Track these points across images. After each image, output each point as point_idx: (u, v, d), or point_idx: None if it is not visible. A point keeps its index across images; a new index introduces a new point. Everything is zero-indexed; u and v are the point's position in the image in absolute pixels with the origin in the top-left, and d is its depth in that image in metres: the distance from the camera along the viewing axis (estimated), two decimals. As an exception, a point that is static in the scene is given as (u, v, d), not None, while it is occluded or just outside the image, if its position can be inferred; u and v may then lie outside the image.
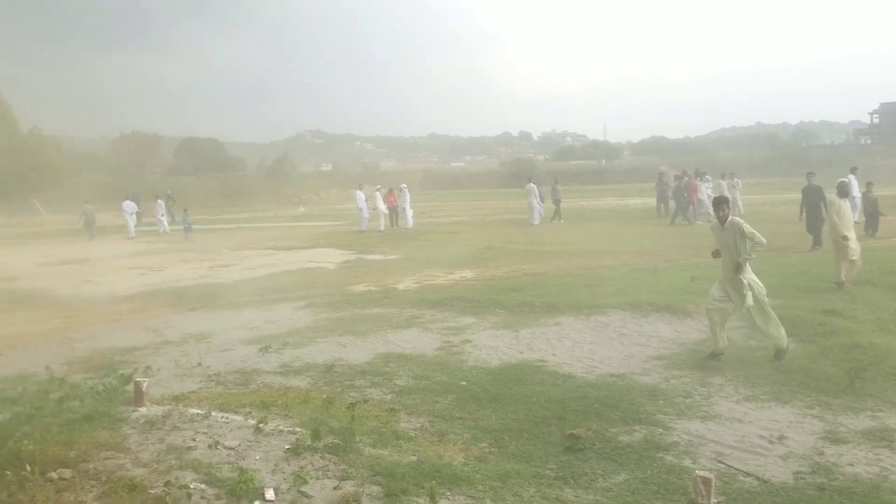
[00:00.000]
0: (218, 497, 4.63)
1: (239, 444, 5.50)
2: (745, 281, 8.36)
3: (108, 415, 6.04)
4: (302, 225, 34.55)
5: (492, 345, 9.68)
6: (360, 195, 28.40)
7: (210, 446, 5.40)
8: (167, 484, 4.67)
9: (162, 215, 33.57)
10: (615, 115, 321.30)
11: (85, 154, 70.42)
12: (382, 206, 28.20)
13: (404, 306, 12.37)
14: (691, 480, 5.01)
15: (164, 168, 76.81)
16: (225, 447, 5.42)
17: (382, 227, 27.70)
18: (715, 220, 8.75)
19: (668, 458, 5.85)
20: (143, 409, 6.23)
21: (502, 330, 10.43)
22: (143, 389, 6.38)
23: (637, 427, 6.54)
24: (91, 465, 4.97)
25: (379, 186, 29.98)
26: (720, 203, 8.72)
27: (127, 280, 17.71)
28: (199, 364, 9.11)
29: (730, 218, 8.51)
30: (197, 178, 66.84)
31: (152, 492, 4.62)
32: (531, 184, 28.91)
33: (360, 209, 28.22)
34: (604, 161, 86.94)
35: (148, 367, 8.93)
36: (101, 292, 15.83)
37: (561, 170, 62.43)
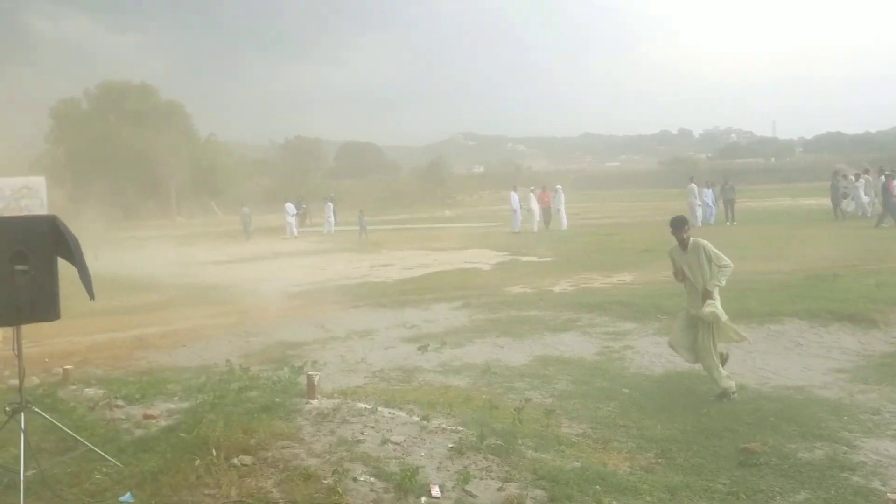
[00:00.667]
0: (386, 490, 4.75)
1: (405, 440, 5.62)
2: (713, 310, 7.40)
3: (283, 406, 6.37)
4: (456, 226, 35.12)
5: (655, 351, 9.35)
6: (514, 196, 28.40)
7: (378, 441, 5.56)
8: (339, 475, 4.84)
9: (329, 216, 35.40)
10: (785, 109, 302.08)
11: (254, 159, 75.51)
12: (536, 208, 28.05)
13: (561, 309, 12.21)
14: (882, 504, 4.59)
15: (326, 171, 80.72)
16: (392, 442, 5.55)
17: (536, 229, 27.57)
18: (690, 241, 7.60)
19: (854, 478, 5.41)
20: (314, 402, 6.52)
21: (666, 336, 10.02)
22: (315, 383, 6.68)
23: (818, 444, 6.09)
24: (269, 454, 5.25)
25: (533, 187, 29.85)
26: (681, 224, 7.58)
27: (295, 278, 18.69)
28: (363, 360, 9.44)
29: (692, 239, 7.58)
30: (356, 181, 69.75)
31: (325, 482, 4.80)
32: (692, 184, 27.73)
33: (514, 210, 28.21)
34: (773, 159, 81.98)
35: (316, 361, 9.35)
36: (272, 289, 16.81)
37: (725, 169, 59.28)
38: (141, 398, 7.35)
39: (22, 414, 4.94)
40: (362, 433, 5.73)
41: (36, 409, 5.27)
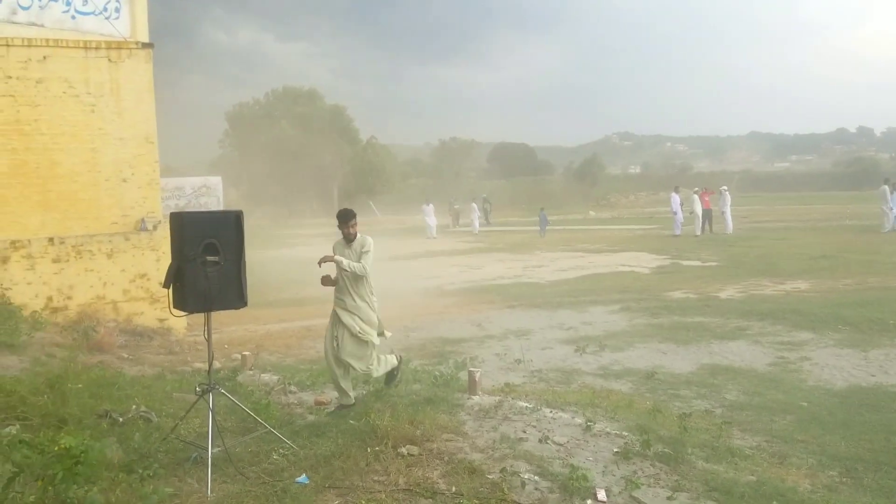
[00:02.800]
0: (551, 490, 4.69)
1: (568, 441, 5.54)
2: (358, 308, 6.51)
3: (446, 400, 6.47)
4: (611, 228, 34.31)
5: (835, 364, 8.68)
6: (675, 197, 27.32)
7: (540, 440, 5.51)
8: (503, 471, 4.84)
9: (475, 216, 35.91)
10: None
11: (410, 160, 77.59)
12: (699, 210, 26.82)
13: (728, 316, 11.62)
14: None
15: (479, 172, 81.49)
16: (554, 442, 5.49)
17: (699, 232, 26.39)
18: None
19: None
20: (476, 398, 6.58)
21: (847, 349, 9.29)
22: (477, 379, 6.74)
23: None
24: (434, 445, 5.34)
25: (697, 189, 28.56)
26: (346, 217, 6.61)
27: (450, 276, 19.00)
28: (521, 360, 9.41)
29: (359, 236, 6.61)
30: (508, 182, 69.90)
31: (490, 477, 4.81)
32: (884, 186, 25.30)
33: (675, 212, 27.15)
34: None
35: (474, 359, 9.45)
36: (428, 286, 17.18)
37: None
38: (311, 385, 7.71)
39: (210, 395, 5.30)
40: (524, 431, 5.71)
41: (222, 391, 5.64)
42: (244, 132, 58.69)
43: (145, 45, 13.02)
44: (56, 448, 3.93)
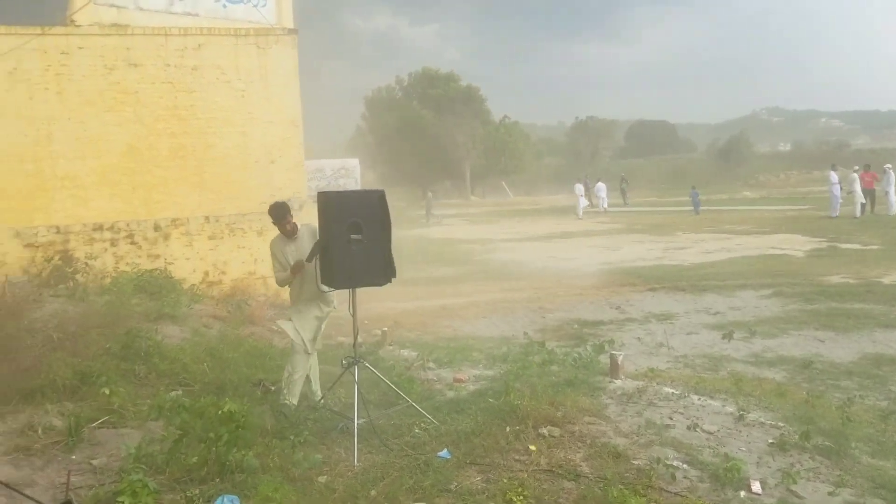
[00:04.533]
0: (701, 479, 4.49)
1: (718, 430, 5.28)
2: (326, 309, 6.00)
3: (586, 382, 6.34)
4: (760, 209, 32.43)
5: None
6: (833, 176, 25.39)
7: (689, 427, 5.29)
8: (650, 458, 4.67)
9: (601, 195, 35.38)
10: None
11: (543, 139, 76.68)
12: (859, 190, 24.78)
13: (893, 303, 10.71)
14: None
15: (616, 151, 79.45)
16: (704, 430, 5.25)
17: (858, 213, 24.44)
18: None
19: None
20: (618, 382, 6.40)
21: None
22: (619, 363, 6.55)
23: None
24: (576, 428, 5.23)
25: (857, 167, 26.43)
26: (281, 215, 5.86)
27: (587, 257, 18.61)
28: (664, 344, 9.09)
29: (301, 226, 5.97)
30: (645, 161, 67.71)
31: (635, 462, 4.67)
32: None
33: (833, 192, 25.22)
34: None
35: (614, 341, 9.19)
36: (565, 268, 16.93)
37: None
38: (449, 362, 7.77)
39: (356, 368, 5.44)
40: (671, 418, 5.50)
41: (367, 365, 5.77)
42: (380, 115, 59.96)
43: (290, 32, 13.51)
44: (220, 412, 4.15)
